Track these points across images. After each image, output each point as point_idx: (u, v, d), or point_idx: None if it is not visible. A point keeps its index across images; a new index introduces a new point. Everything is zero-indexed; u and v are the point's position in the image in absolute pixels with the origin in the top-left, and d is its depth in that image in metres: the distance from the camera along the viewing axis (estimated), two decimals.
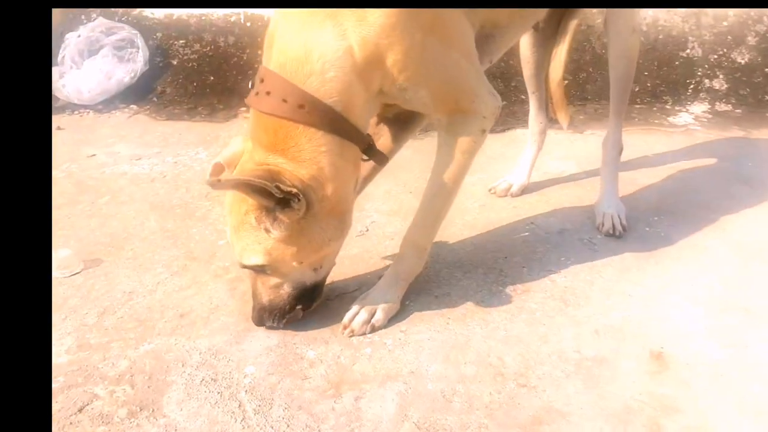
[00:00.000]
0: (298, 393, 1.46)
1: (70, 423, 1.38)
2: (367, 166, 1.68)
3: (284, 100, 1.37)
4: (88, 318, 1.70)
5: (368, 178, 1.77)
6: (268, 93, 1.39)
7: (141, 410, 1.41)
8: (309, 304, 1.63)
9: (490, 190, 2.33)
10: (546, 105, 2.29)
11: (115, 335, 1.64)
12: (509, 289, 1.80)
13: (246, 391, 1.46)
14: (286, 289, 1.56)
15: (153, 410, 1.41)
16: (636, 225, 2.10)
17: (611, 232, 2.03)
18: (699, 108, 3.14)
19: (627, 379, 1.48)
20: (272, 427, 1.36)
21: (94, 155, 2.70)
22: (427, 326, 1.65)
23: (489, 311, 1.71)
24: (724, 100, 3.16)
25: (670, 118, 3.06)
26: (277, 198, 1.38)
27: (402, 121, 1.72)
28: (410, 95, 1.49)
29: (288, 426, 1.37)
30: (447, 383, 1.47)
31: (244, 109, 3.16)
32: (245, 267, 1.54)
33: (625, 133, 2.29)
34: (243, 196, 1.43)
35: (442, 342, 1.60)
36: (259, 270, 1.53)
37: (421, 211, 1.65)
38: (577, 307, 1.72)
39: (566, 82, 2.36)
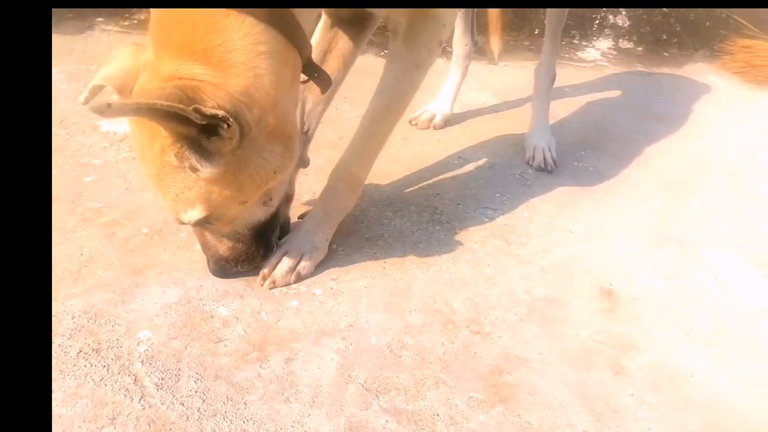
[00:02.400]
0: (212, 360, 1.17)
1: None
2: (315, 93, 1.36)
3: None
4: None
5: (322, 105, 1.45)
6: None
7: None
8: (267, 241, 1.32)
9: (411, 121, 2.10)
10: (473, 26, 2.08)
11: None
12: (446, 228, 1.61)
13: (142, 361, 1.14)
14: (242, 232, 1.24)
15: None
16: (564, 159, 2.00)
17: (542, 166, 1.92)
18: (604, 44, 3.13)
19: (580, 318, 1.37)
20: (183, 404, 1.07)
21: None
22: (361, 272, 1.42)
23: (428, 253, 1.51)
24: (626, 37, 3.17)
25: (579, 53, 3.01)
26: (199, 124, 0.99)
27: (353, 26, 1.40)
28: None
29: (204, 401, 1.08)
30: (393, 336, 1.26)
31: (101, 19, 2.61)
32: (184, 224, 1.18)
33: None
34: (153, 130, 1.04)
35: (381, 289, 1.38)
36: (203, 222, 1.18)
37: (361, 134, 1.37)
38: (519, 246, 1.58)
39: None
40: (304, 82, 1.23)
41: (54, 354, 1.13)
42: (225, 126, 1.01)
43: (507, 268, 1.49)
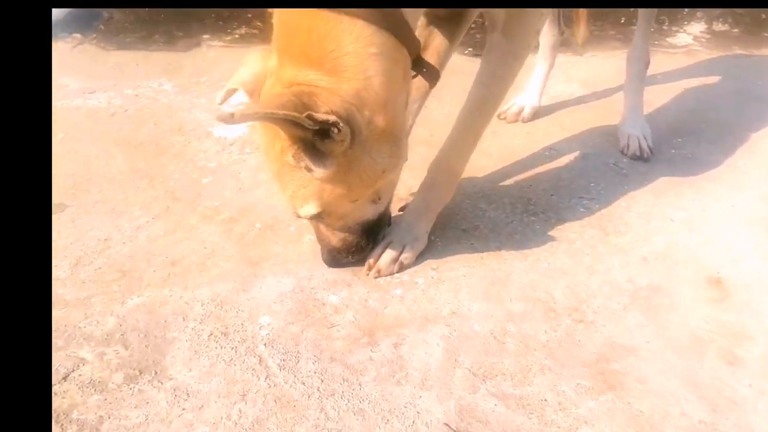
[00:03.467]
0: (327, 343, 1.25)
1: (55, 393, 1.13)
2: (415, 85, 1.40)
3: None
4: (59, 270, 1.42)
5: (418, 102, 1.51)
6: None
7: (141, 373, 1.18)
8: (376, 236, 1.41)
9: (499, 115, 2.12)
10: (559, 16, 2.07)
11: (95, 289, 1.38)
12: (542, 219, 1.62)
13: (265, 344, 1.25)
14: (353, 227, 1.33)
15: (156, 372, 1.18)
16: (660, 147, 1.95)
17: (638, 154, 1.88)
18: (696, 28, 2.99)
19: (688, 307, 1.35)
20: (304, 383, 1.16)
21: None
22: (460, 262, 1.47)
23: (525, 243, 1.53)
24: (721, 20, 3.02)
25: (669, 39, 2.90)
26: (313, 128, 1.07)
27: (449, 24, 1.45)
28: None
29: (322, 381, 1.17)
30: (495, 323, 1.30)
31: (207, 36, 2.81)
32: (301, 217, 1.28)
33: (625, 55, 2.11)
34: (274, 132, 1.13)
35: (480, 278, 1.42)
36: (317, 217, 1.28)
37: (460, 127, 1.42)
38: (618, 235, 1.57)
39: None
40: (413, 77, 1.27)
41: (188, 337, 1.26)
42: (336, 130, 1.08)
43: (606, 258, 1.49)
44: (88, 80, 2.39)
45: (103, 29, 2.83)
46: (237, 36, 2.81)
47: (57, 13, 2.75)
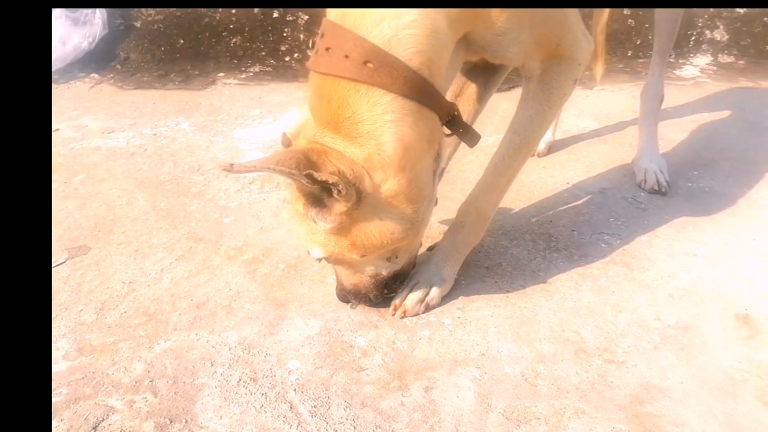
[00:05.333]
0: (357, 388, 1.24)
1: None
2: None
3: (346, 56, 1.07)
4: (85, 315, 1.42)
5: (451, 147, 1.53)
6: (327, 49, 1.09)
7: (171, 422, 1.17)
8: (392, 289, 1.41)
9: None
10: None
11: (122, 334, 1.37)
12: (564, 256, 1.62)
13: (295, 390, 1.23)
14: (365, 279, 1.34)
15: (186, 421, 1.17)
16: (677, 180, 1.97)
17: (656, 188, 1.89)
18: (703, 60, 3.04)
19: (719, 346, 1.34)
20: (336, 431, 1.15)
21: (57, 129, 2.35)
22: (485, 302, 1.46)
23: (549, 281, 1.53)
24: (726, 52, 3.08)
25: (677, 72, 2.95)
26: (319, 185, 1.10)
27: (485, 76, 1.48)
28: (509, 40, 1.21)
29: (355, 428, 1.15)
30: (525, 365, 1.29)
31: (222, 74, 2.86)
32: (312, 257, 1.31)
33: (635, 88, 2.15)
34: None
35: (506, 318, 1.41)
36: (327, 261, 1.30)
37: (491, 171, 1.42)
38: (642, 271, 1.57)
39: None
40: (449, 135, 1.28)
41: (217, 383, 1.25)
42: (337, 191, 1.11)
43: (632, 295, 1.48)
44: (108, 120, 2.42)
45: (120, 69, 2.89)
46: (251, 74, 2.86)
47: (75, 54, 2.81)
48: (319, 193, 1.14)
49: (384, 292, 1.39)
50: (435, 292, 1.43)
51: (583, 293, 1.49)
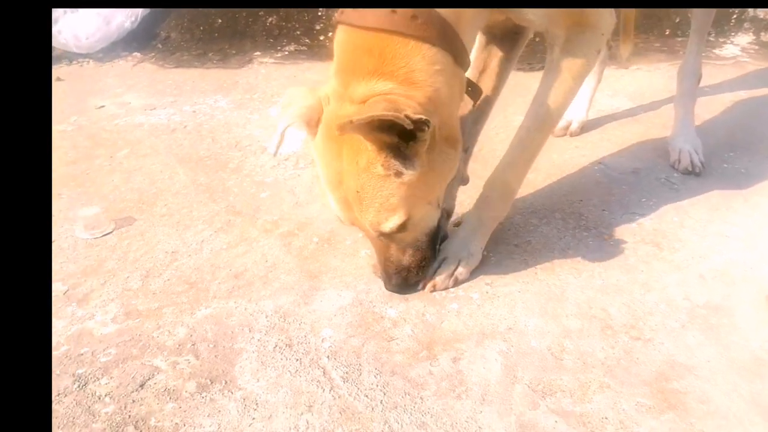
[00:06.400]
0: (387, 356, 1.29)
1: (132, 401, 1.20)
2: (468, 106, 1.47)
3: (393, 11, 1.15)
4: (131, 282, 1.51)
5: (477, 130, 1.59)
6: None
7: (212, 383, 1.24)
8: (435, 249, 1.46)
9: None
10: None
11: (166, 300, 1.45)
12: (594, 234, 1.63)
13: (328, 356, 1.29)
14: (421, 239, 1.37)
15: (226, 382, 1.24)
16: (712, 161, 1.94)
17: (690, 169, 1.87)
18: (744, 39, 2.96)
19: (748, 327, 1.34)
20: (367, 396, 1.20)
21: (102, 106, 2.44)
22: (513, 278, 1.49)
23: (578, 259, 1.54)
24: None
25: (717, 51, 2.88)
26: (398, 132, 1.15)
27: (506, 42, 1.51)
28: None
29: (384, 394, 1.21)
30: (552, 339, 1.32)
31: (258, 53, 2.91)
32: (384, 234, 1.31)
33: (671, 67, 2.11)
34: (355, 150, 1.20)
35: (534, 294, 1.44)
36: (399, 230, 1.29)
37: (517, 144, 1.45)
38: (672, 251, 1.57)
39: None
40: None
41: (255, 348, 1.32)
42: (426, 128, 1.15)
43: (662, 275, 1.49)
44: (149, 97, 2.51)
45: (161, 48, 2.97)
46: (287, 53, 2.91)
47: (118, 33, 2.89)
48: (397, 142, 1.18)
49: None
50: (463, 267, 1.46)
51: (612, 272, 1.50)
